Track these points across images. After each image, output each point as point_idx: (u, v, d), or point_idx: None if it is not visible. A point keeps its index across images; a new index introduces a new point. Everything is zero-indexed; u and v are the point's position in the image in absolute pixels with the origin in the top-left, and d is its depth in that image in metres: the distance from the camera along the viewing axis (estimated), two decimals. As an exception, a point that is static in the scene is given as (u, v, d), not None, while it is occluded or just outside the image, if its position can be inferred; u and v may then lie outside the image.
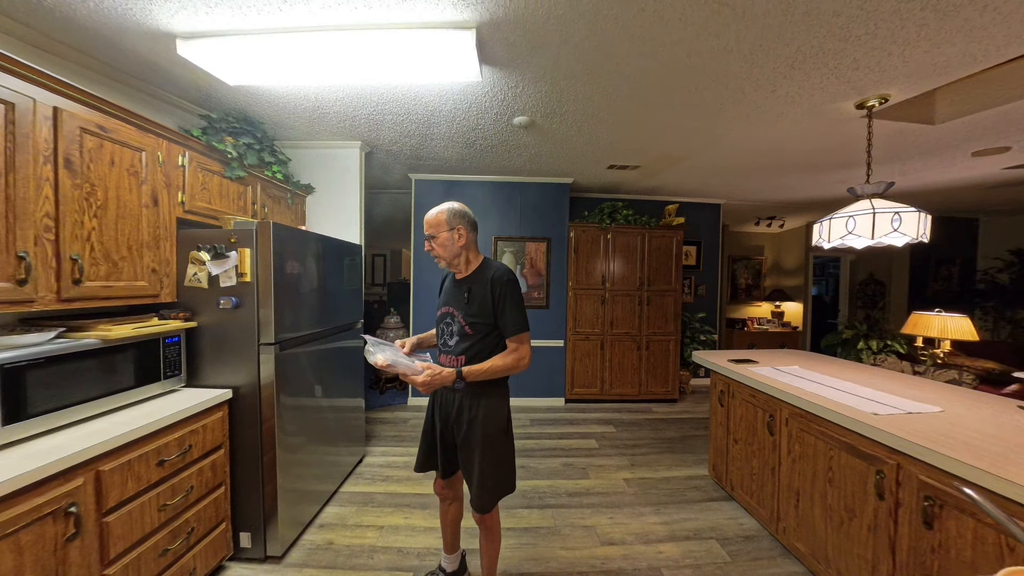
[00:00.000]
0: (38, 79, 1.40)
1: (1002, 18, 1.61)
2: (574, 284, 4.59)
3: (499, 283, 1.56)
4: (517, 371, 1.56)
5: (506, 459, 1.64)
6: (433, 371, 1.52)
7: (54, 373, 1.41)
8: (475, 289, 1.60)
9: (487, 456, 1.58)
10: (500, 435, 1.61)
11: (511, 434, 1.67)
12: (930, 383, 2.26)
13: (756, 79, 2.15)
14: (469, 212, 1.65)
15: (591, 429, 3.91)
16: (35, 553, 1.14)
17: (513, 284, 1.57)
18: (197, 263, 1.94)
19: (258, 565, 2.00)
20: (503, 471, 1.63)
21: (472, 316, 1.59)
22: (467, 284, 1.63)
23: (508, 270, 1.61)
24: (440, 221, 1.59)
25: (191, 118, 2.62)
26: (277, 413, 1.99)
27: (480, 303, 1.58)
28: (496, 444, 1.60)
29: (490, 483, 1.59)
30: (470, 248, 1.65)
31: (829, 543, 1.83)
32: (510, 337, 1.56)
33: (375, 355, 1.53)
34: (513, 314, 1.55)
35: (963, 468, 1.28)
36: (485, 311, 1.57)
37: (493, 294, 1.56)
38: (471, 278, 1.63)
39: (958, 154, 3.31)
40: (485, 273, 1.61)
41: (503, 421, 1.63)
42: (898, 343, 4.55)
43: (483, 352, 1.58)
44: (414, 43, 1.79)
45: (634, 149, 3.39)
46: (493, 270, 1.60)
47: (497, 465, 1.60)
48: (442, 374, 1.52)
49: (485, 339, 1.59)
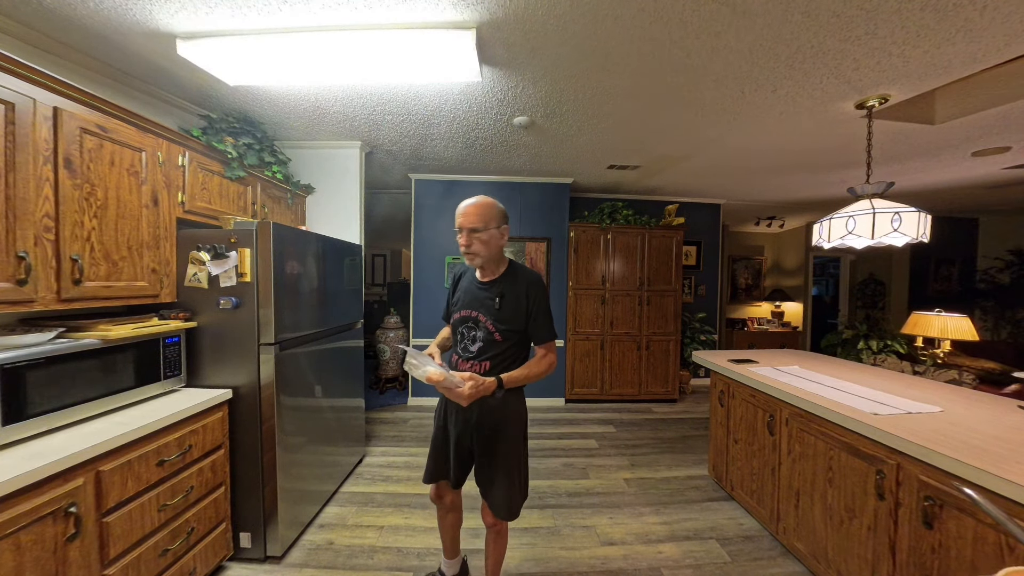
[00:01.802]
0: (38, 79, 1.40)
1: (1002, 18, 1.61)
2: (574, 284, 4.59)
3: (535, 288, 1.51)
4: (546, 375, 1.54)
5: (526, 462, 1.63)
6: (476, 382, 1.40)
7: (54, 373, 1.41)
8: (508, 295, 1.51)
9: (515, 461, 1.54)
10: (523, 440, 1.59)
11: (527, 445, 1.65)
12: (930, 383, 2.26)
13: (756, 79, 2.15)
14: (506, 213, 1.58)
15: (591, 429, 3.91)
16: (35, 553, 1.14)
17: (546, 291, 1.55)
18: (197, 263, 1.94)
19: (258, 565, 2.00)
20: (526, 475, 1.62)
21: (504, 323, 1.50)
22: (497, 288, 1.53)
23: (540, 276, 1.57)
24: (491, 215, 1.46)
25: (191, 118, 2.62)
26: (277, 413, 1.99)
27: (514, 310, 1.50)
28: (522, 449, 1.58)
29: (517, 487, 1.55)
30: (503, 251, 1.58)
31: (829, 543, 1.83)
32: (543, 343, 1.53)
33: (422, 367, 1.40)
34: (546, 321, 1.51)
35: (963, 468, 1.28)
36: (518, 318, 1.50)
37: (528, 300, 1.50)
38: (501, 282, 1.54)
39: (958, 154, 3.31)
40: (517, 278, 1.53)
41: (524, 426, 1.60)
42: (898, 343, 4.55)
43: (508, 359, 1.51)
44: (414, 43, 1.79)
45: (634, 149, 3.39)
46: (527, 275, 1.54)
47: (521, 469, 1.58)
48: (485, 384, 1.40)
49: (516, 346, 1.53)
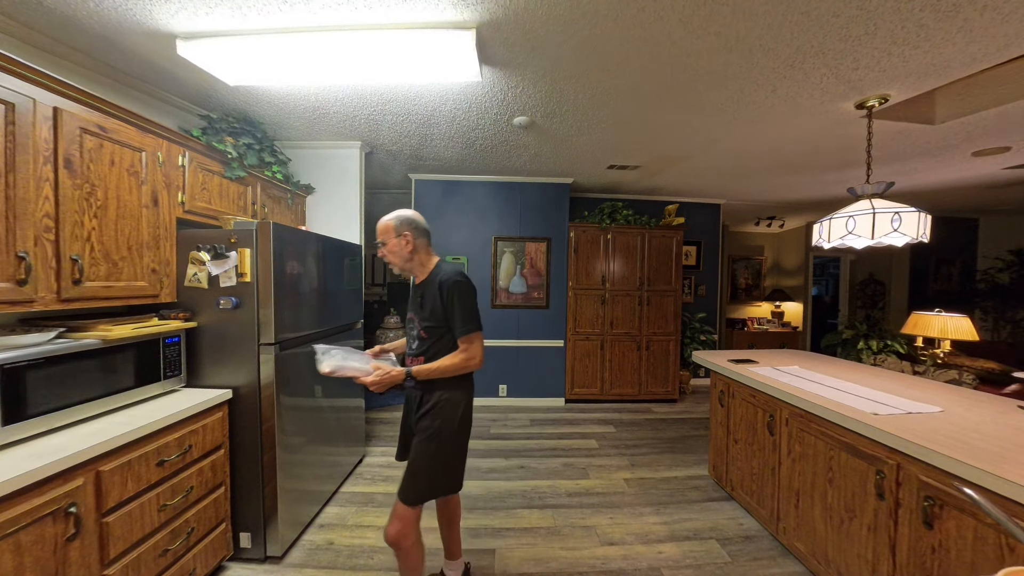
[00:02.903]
0: (38, 79, 1.40)
1: (1002, 18, 1.61)
2: (574, 284, 4.59)
3: (446, 286, 1.59)
4: (467, 370, 1.62)
5: (450, 457, 1.62)
6: (382, 371, 1.59)
7: (54, 373, 1.41)
8: (427, 294, 1.65)
9: (428, 447, 1.58)
10: (450, 433, 1.60)
11: (465, 436, 1.67)
12: (930, 383, 2.26)
13: (756, 79, 2.15)
14: (419, 219, 1.69)
15: (591, 429, 3.91)
16: (35, 553, 1.14)
17: (461, 286, 1.60)
18: (197, 263, 1.94)
19: (258, 565, 2.00)
20: (441, 467, 1.60)
21: (426, 320, 1.65)
22: (421, 289, 1.70)
23: (457, 272, 1.64)
24: (388, 228, 1.66)
25: (191, 118, 2.62)
26: (277, 413, 1.99)
27: (432, 307, 1.63)
28: (443, 440, 1.59)
29: (422, 475, 1.58)
30: (421, 253, 1.70)
31: (829, 543, 1.83)
32: (460, 338, 1.60)
33: (321, 363, 1.59)
34: (462, 315, 1.59)
35: (963, 468, 1.28)
36: (437, 314, 1.62)
37: (442, 297, 1.60)
38: (425, 283, 1.69)
39: (958, 154, 3.31)
40: (436, 278, 1.64)
41: (456, 420, 1.62)
42: (898, 343, 4.55)
43: (440, 353, 1.63)
44: (414, 43, 1.79)
45: (634, 149, 3.39)
46: (444, 274, 1.63)
47: (435, 458, 1.58)
48: (391, 374, 1.59)
49: (440, 341, 1.64)
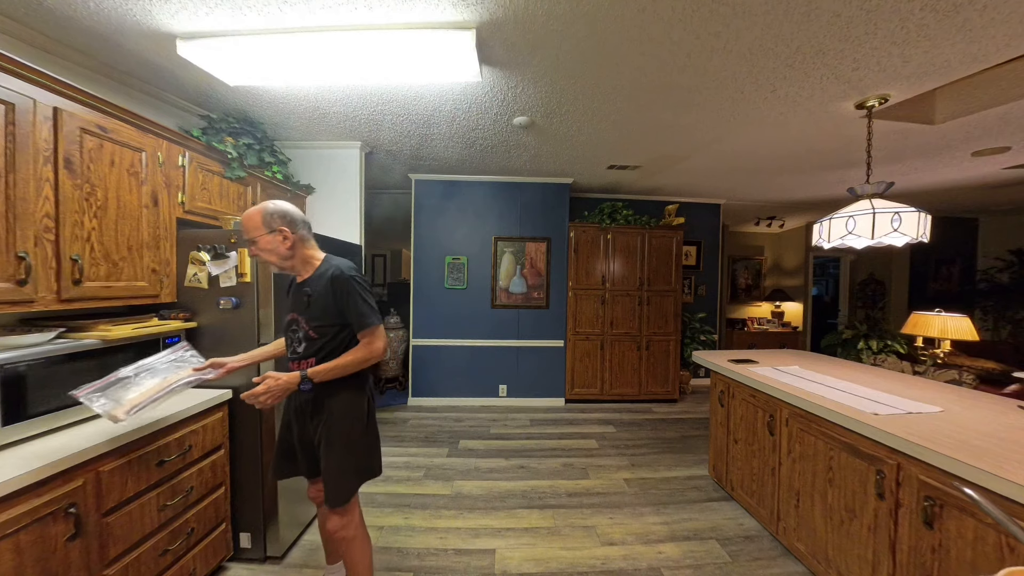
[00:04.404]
0: (38, 79, 1.40)
1: (1002, 18, 1.61)
2: (574, 284, 4.59)
3: (339, 281, 1.47)
4: (370, 364, 1.51)
5: (367, 452, 1.58)
6: (273, 378, 1.41)
7: (54, 373, 1.41)
8: (315, 292, 1.51)
9: (346, 453, 1.51)
10: (361, 431, 1.55)
11: (373, 428, 1.62)
12: (930, 383, 2.26)
13: (756, 79, 2.15)
14: (292, 210, 1.52)
15: (591, 429, 3.91)
16: (35, 554, 1.14)
17: (354, 280, 1.49)
18: (197, 263, 1.94)
19: (258, 565, 2.00)
20: (365, 462, 1.58)
21: (315, 320, 1.50)
22: (307, 287, 1.53)
23: (349, 265, 1.52)
24: (256, 224, 1.45)
25: (191, 118, 2.62)
26: (277, 413, 1.99)
27: (322, 306, 1.49)
28: (358, 440, 1.54)
29: (351, 474, 1.53)
30: (302, 248, 1.54)
31: (829, 543, 1.83)
32: (360, 332, 1.49)
33: (119, 406, 1.30)
34: (360, 309, 1.47)
35: (963, 468, 1.28)
36: (329, 312, 1.49)
37: (335, 294, 1.48)
38: (311, 281, 1.53)
39: (958, 154, 3.31)
40: (324, 273, 1.51)
41: (362, 417, 1.56)
42: (898, 343, 4.55)
43: (335, 351, 1.51)
44: (414, 43, 1.79)
45: (634, 149, 3.39)
46: (332, 268, 1.51)
47: (358, 458, 1.54)
48: (281, 381, 1.42)
49: (334, 340, 1.52)
